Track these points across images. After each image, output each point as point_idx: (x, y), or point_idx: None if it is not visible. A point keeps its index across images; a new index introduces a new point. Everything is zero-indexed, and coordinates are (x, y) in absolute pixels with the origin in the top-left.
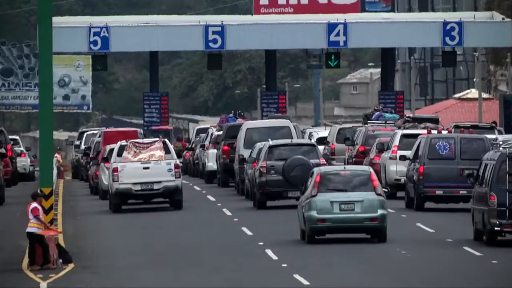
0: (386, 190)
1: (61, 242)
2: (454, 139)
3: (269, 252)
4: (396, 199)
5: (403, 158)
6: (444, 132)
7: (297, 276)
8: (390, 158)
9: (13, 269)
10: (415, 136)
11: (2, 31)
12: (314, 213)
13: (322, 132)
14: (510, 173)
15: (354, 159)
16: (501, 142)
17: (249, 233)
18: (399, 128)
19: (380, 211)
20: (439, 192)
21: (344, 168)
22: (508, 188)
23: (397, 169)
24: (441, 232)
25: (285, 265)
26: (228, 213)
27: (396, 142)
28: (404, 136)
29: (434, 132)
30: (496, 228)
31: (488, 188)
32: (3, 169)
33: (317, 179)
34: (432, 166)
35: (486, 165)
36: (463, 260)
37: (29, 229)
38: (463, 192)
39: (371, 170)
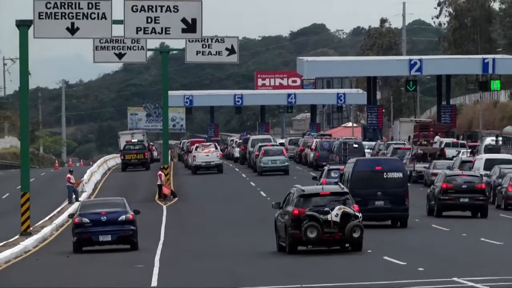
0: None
1: (172, 187)
2: (330, 140)
3: (262, 193)
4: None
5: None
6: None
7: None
8: (310, 150)
9: (151, 200)
10: None
11: (150, 97)
12: (261, 164)
13: (282, 140)
14: (343, 148)
15: (298, 153)
16: (339, 137)
17: (253, 184)
18: (315, 138)
19: (286, 163)
20: (324, 163)
21: (272, 146)
22: (343, 154)
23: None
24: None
25: (269, 198)
26: (244, 176)
27: (314, 144)
28: (316, 141)
29: (329, 139)
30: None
31: (334, 154)
32: (149, 155)
33: (263, 152)
34: (321, 152)
35: (335, 146)
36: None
37: (158, 183)
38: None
39: (283, 148)
